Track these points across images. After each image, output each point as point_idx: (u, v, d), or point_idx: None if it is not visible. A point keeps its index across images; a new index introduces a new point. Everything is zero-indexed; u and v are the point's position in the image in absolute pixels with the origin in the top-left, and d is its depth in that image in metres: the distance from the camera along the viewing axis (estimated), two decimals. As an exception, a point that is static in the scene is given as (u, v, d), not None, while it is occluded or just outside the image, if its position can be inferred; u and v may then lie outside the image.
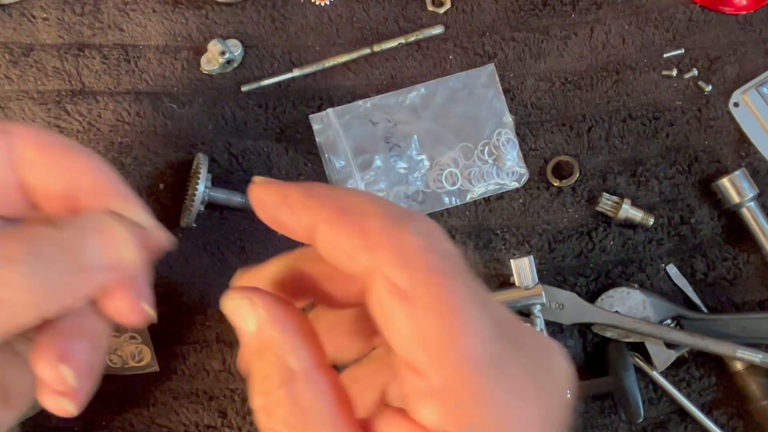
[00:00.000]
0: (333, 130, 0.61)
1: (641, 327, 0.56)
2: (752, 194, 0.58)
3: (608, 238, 0.60)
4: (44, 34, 0.62)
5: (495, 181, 0.61)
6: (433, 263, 0.27)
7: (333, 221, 0.30)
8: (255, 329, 0.33)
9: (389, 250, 0.28)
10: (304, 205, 0.31)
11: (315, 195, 0.31)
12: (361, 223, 0.29)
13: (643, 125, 0.62)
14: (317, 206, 0.30)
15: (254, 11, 0.63)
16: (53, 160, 0.35)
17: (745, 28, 0.63)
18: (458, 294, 0.27)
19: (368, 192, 0.32)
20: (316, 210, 0.30)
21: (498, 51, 0.63)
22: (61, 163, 0.35)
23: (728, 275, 0.60)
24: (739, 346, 0.55)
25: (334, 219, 0.30)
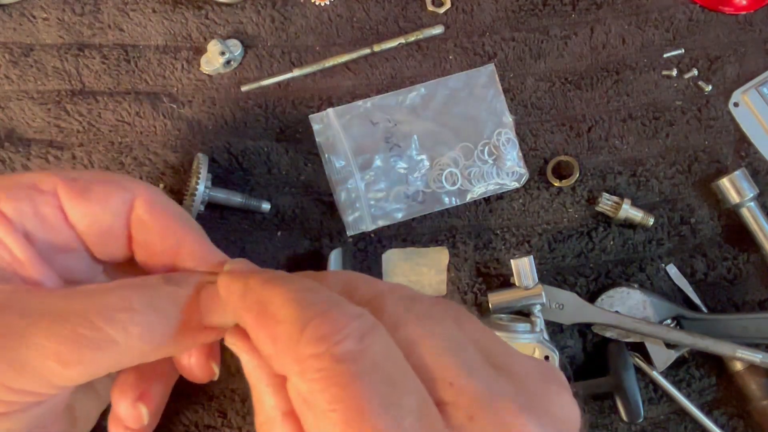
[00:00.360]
0: (333, 130, 0.61)
1: (641, 327, 0.56)
2: (752, 194, 0.58)
3: (608, 238, 0.60)
4: (44, 34, 0.62)
5: (495, 181, 0.61)
6: (329, 370, 0.27)
7: (255, 327, 0.31)
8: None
9: (292, 359, 0.28)
10: (238, 307, 0.32)
11: (247, 297, 0.32)
12: (273, 331, 0.29)
13: (643, 125, 0.62)
14: (247, 310, 0.31)
15: (254, 11, 0.63)
16: (161, 223, 0.39)
17: (745, 28, 0.63)
18: (359, 401, 0.26)
19: (299, 281, 0.32)
20: (246, 314, 0.32)
21: (498, 51, 0.63)
22: (167, 228, 0.40)
23: (728, 275, 0.60)
24: (739, 346, 0.55)
25: (255, 325, 0.31)
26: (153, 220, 0.39)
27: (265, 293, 0.31)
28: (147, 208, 0.40)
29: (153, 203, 0.40)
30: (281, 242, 0.60)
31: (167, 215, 0.40)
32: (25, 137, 0.62)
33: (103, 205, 0.38)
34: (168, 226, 0.40)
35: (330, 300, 0.30)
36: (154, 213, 0.40)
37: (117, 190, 0.39)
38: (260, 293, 0.31)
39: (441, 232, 0.60)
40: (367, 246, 0.60)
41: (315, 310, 0.29)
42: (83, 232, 0.39)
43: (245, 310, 0.31)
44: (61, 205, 0.38)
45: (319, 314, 0.28)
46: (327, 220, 0.60)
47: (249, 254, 0.60)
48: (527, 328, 0.53)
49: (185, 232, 0.40)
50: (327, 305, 0.29)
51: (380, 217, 0.60)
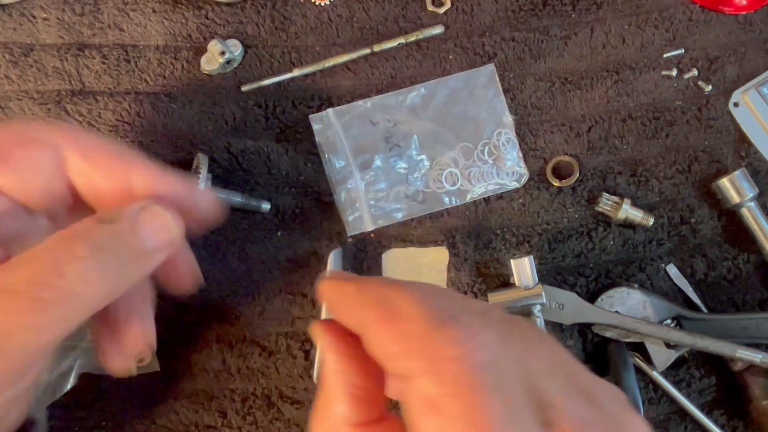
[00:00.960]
0: (333, 130, 0.61)
1: (641, 327, 0.56)
2: (752, 194, 0.58)
3: (608, 238, 0.60)
4: (44, 34, 0.62)
5: (495, 181, 0.61)
6: (466, 376, 0.27)
7: (377, 324, 0.30)
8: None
9: (424, 359, 0.28)
10: (354, 305, 0.32)
11: (365, 295, 0.32)
12: (400, 328, 0.29)
13: (643, 125, 0.62)
14: (366, 307, 0.31)
15: (254, 11, 0.63)
16: (101, 165, 0.39)
17: (745, 28, 0.63)
18: (489, 411, 0.26)
19: (421, 286, 0.32)
20: (365, 311, 0.31)
21: (498, 51, 0.63)
22: (108, 168, 0.39)
23: (728, 275, 0.60)
24: (739, 346, 0.55)
25: (378, 321, 0.30)
26: (91, 165, 0.39)
27: (389, 292, 0.31)
28: (80, 157, 0.39)
29: (84, 149, 0.39)
30: (281, 242, 0.60)
31: (105, 155, 0.40)
32: (25, 137, 0.62)
33: (32, 170, 0.38)
34: (109, 167, 0.39)
35: (458, 305, 0.30)
36: (90, 158, 0.39)
37: (41, 151, 0.38)
38: (383, 292, 0.31)
39: (441, 232, 0.60)
40: (367, 246, 0.60)
41: (447, 313, 0.29)
42: (21, 198, 0.38)
43: (365, 306, 0.31)
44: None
45: (453, 317, 0.28)
46: (327, 220, 0.60)
47: (249, 254, 0.60)
48: (527, 328, 0.53)
49: (128, 165, 0.40)
50: (458, 309, 0.29)
51: (380, 217, 0.60)
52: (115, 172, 0.39)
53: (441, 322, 0.28)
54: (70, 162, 0.39)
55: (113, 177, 0.39)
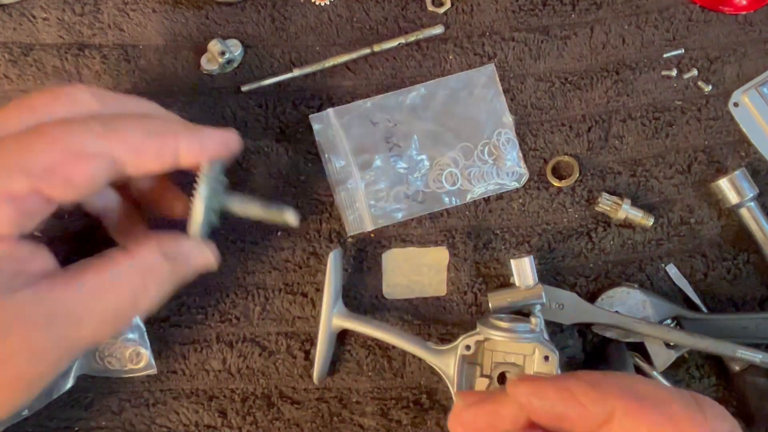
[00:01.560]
0: (333, 130, 0.61)
1: (641, 327, 0.56)
2: (752, 194, 0.58)
3: (608, 238, 0.60)
4: (44, 34, 0.62)
5: (495, 181, 0.61)
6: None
7: (633, 411, 0.32)
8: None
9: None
10: (596, 399, 0.33)
11: (605, 387, 0.33)
12: (665, 412, 0.31)
13: (643, 125, 0.62)
14: (612, 398, 0.33)
15: (254, 11, 0.63)
16: (149, 157, 0.43)
17: (745, 28, 0.63)
18: None
19: (640, 377, 0.36)
20: (611, 401, 0.32)
21: (498, 51, 0.63)
22: (156, 156, 0.43)
23: (728, 275, 0.60)
24: (739, 346, 0.55)
25: (634, 410, 0.32)
26: (142, 159, 0.43)
27: (624, 382, 0.34)
28: (132, 156, 0.42)
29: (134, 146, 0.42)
30: (281, 242, 0.60)
31: (152, 145, 0.43)
32: (25, 137, 0.62)
33: (89, 184, 0.40)
34: (158, 154, 0.43)
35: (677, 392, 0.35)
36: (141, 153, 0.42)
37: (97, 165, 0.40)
38: (620, 382, 0.34)
39: (441, 232, 0.60)
40: (367, 246, 0.60)
41: (684, 392, 0.33)
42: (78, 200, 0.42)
43: (615, 398, 0.33)
44: (49, 198, 0.39)
45: (694, 396, 0.33)
46: (327, 220, 0.60)
47: (249, 254, 0.60)
48: (527, 328, 0.53)
49: (173, 144, 0.44)
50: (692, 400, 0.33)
51: (380, 217, 0.60)
52: (163, 156, 0.43)
53: (694, 401, 0.32)
54: (123, 163, 0.41)
55: (162, 161, 0.43)
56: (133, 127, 0.42)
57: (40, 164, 0.38)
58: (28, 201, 0.38)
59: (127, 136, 0.41)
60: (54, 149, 0.38)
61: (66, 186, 0.39)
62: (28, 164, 0.38)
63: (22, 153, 0.38)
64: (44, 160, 0.38)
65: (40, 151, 0.38)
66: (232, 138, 0.49)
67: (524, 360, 0.52)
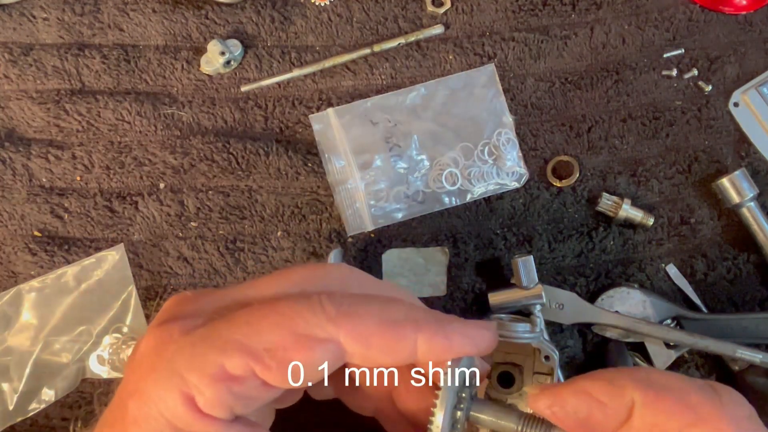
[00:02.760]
0: (333, 130, 0.61)
1: (641, 327, 0.56)
2: (752, 194, 0.58)
3: (608, 238, 0.60)
4: (44, 34, 0.62)
5: (495, 181, 0.61)
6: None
7: (651, 402, 0.32)
8: None
9: (726, 426, 0.30)
10: (614, 394, 0.33)
11: (621, 381, 0.33)
12: (683, 400, 0.31)
13: (643, 125, 0.62)
14: (629, 390, 0.32)
15: (254, 11, 0.63)
16: (379, 349, 0.36)
17: (745, 28, 0.63)
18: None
19: (654, 369, 0.35)
20: (629, 394, 0.32)
21: (498, 51, 0.63)
22: (387, 351, 0.36)
23: (728, 275, 0.60)
24: (739, 346, 0.55)
25: (652, 400, 0.32)
26: (371, 350, 0.36)
27: (639, 374, 0.34)
28: (359, 346, 0.35)
29: (370, 337, 0.35)
30: (281, 242, 0.60)
31: (384, 337, 0.35)
32: (26, 137, 0.62)
33: (310, 372, 0.35)
34: (389, 348, 0.36)
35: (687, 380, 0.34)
36: (371, 344, 0.35)
37: (321, 351, 0.35)
38: (635, 375, 0.34)
39: (441, 232, 0.60)
40: (367, 246, 0.60)
41: (697, 380, 0.32)
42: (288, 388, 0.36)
43: (633, 390, 0.33)
44: (265, 382, 0.34)
45: (708, 383, 0.33)
46: (327, 220, 0.60)
47: (248, 254, 0.60)
48: (527, 328, 0.52)
49: (410, 339, 0.36)
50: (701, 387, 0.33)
51: (380, 217, 0.60)
52: (397, 350, 0.36)
53: (708, 387, 0.32)
54: (349, 351, 0.35)
55: (395, 356, 0.36)
56: (369, 313, 0.36)
57: (262, 344, 0.34)
58: (242, 382, 0.34)
59: (360, 322, 0.35)
60: (279, 330, 0.34)
61: (283, 372, 0.34)
62: (250, 343, 0.34)
63: (246, 330, 0.34)
64: (267, 340, 0.34)
65: (265, 331, 0.34)
66: (488, 337, 0.38)
67: (524, 360, 0.52)
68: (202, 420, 0.33)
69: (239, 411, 0.34)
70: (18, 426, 0.58)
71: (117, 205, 0.60)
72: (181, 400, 0.33)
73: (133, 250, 0.60)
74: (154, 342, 0.35)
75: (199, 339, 0.34)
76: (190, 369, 0.33)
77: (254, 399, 0.35)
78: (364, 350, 0.35)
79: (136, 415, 0.34)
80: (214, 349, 0.34)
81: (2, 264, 0.60)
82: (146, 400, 0.34)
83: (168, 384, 0.33)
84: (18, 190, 0.61)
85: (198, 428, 0.33)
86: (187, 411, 0.33)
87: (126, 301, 0.59)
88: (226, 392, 0.33)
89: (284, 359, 0.34)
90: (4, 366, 0.58)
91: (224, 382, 0.33)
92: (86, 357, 0.58)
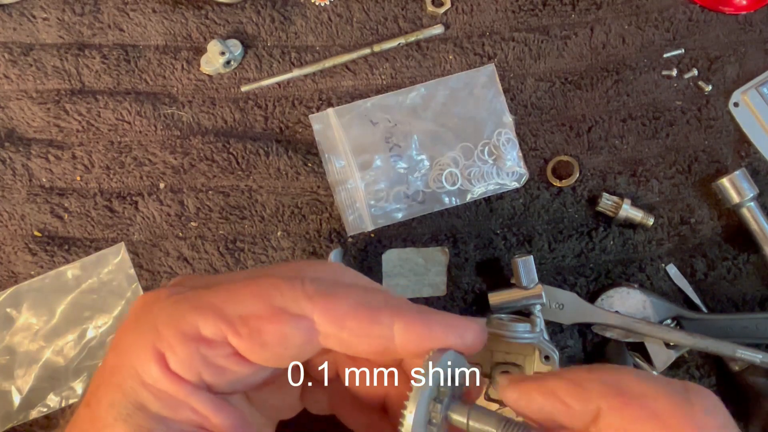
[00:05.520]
0: (333, 130, 0.61)
1: (641, 327, 0.56)
2: (752, 194, 0.58)
3: (608, 238, 0.60)
4: (44, 34, 0.62)
5: (495, 181, 0.61)
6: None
7: (617, 408, 0.31)
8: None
9: (690, 428, 0.30)
10: (580, 397, 0.32)
11: (588, 384, 0.32)
12: (649, 408, 0.30)
13: (643, 125, 0.62)
14: (595, 395, 0.32)
15: (254, 11, 0.63)
16: (353, 331, 0.35)
17: (745, 28, 0.63)
18: None
19: (631, 368, 0.34)
20: (595, 399, 0.32)
21: (498, 51, 0.63)
22: (362, 333, 0.35)
23: (728, 275, 0.60)
24: (739, 346, 0.55)
25: (619, 407, 0.31)
26: (345, 331, 0.35)
27: (607, 377, 0.33)
28: (333, 327, 0.35)
29: (337, 316, 0.34)
30: (281, 242, 0.60)
31: (359, 319, 0.35)
32: (26, 137, 0.62)
33: (282, 346, 0.34)
34: (364, 331, 0.35)
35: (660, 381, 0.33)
36: (344, 325, 0.35)
37: (292, 326, 0.34)
38: (603, 377, 0.33)
39: (441, 232, 0.60)
40: (367, 246, 0.60)
41: (674, 383, 0.32)
42: (266, 365, 0.36)
43: (599, 396, 0.32)
44: (236, 351, 0.34)
45: (685, 388, 0.32)
46: (327, 220, 0.60)
47: (248, 254, 0.60)
48: (527, 328, 0.53)
49: (387, 324, 0.35)
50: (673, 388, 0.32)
51: (380, 217, 0.60)
52: (372, 335, 0.35)
53: (681, 392, 0.31)
54: (323, 331, 0.35)
55: (370, 341, 0.35)
56: (347, 295, 0.35)
57: (237, 311, 0.34)
58: (213, 347, 0.34)
59: (336, 303, 0.35)
60: (255, 300, 0.34)
61: (252, 341, 0.34)
62: (226, 308, 0.34)
63: (224, 297, 0.35)
64: (242, 308, 0.34)
65: (242, 300, 0.34)
66: (474, 329, 0.36)
67: (524, 360, 0.52)
68: (169, 377, 0.34)
69: (209, 379, 0.34)
70: (18, 426, 0.58)
71: (117, 205, 0.60)
72: (152, 354, 0.33)
73: (133, 250, 0.60)
74: (143, 302, 0.37)
75: (182, 299, 0.35)
76: (166, 325, 0.34)
77: (225, 370, 0.35)
78: (338, 331, 0.35)
79: (112, 365, 0.35)
80: (192, 309, 0.34)
81: (2, 264, 0.60)
82: (121, 351, 0.35)
83: (144, 338, 0.34)
84: (18, 190, 0.61)
85: (164, 386, 0.34)
86: (156, 366, 0.33)
87: (131, 301, 0.59)
88: (195, 353, 0.34)
89: (256, 328, 0.34)
90: (5, 366, 0.58)
91: (195, 342, 0.34)
92: (91, 357, 0.58)
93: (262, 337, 0.34)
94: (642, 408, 0.31)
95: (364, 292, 0.36)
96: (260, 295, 0.35)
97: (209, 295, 0.35)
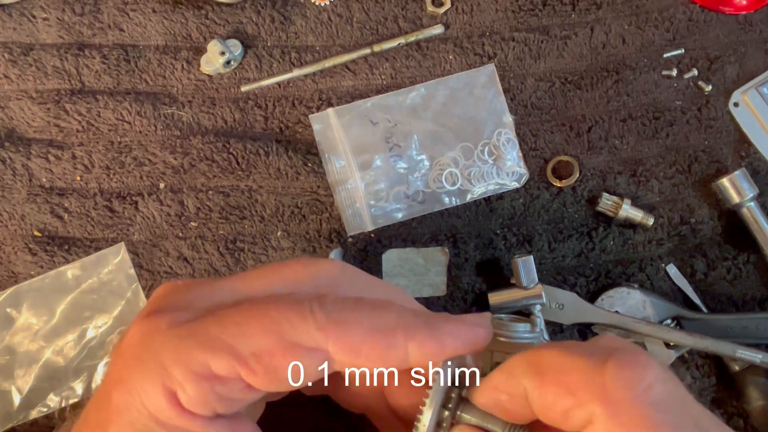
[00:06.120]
0: (333, 130, 0.61)
1: (641, 327, 0.56)
2: (752, 194, 0.58)
3: (608, 238, 0.60)
4: (44, 34, 0.62)
5: (495, 181, 0.61)
6: (648, 419, 0.28)
7: (538, 387, 0.31)
8: None
9: (600, 407, 0.29)
10: (509, 384, 0.32)
11: (515, 368, 0.32)
12: (563, 382, 0.30)
13: (643, 125, 0.62)
14: (521, 378, 0.32)
15: (254, 11, 0.63)
16: (367, 358, 0.35)
17: (745, 28, 0.63)
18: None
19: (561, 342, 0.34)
20: (522, 382, 0.32)
21: (498, 51, 0.63)
22: (376, 359, 0.35)
23: (728, 275, 0.60)
24: (739, 346, 0.55)
25: (538, 385, 0.31)
26: (359, 359, 0.35)
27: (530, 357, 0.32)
28: (346, 355, 0.35)
29: (350, 345, 0.34)
30: (281, 242, 0.60)
31: (372, 345, 0.35)
32: (26, 137, 0.62)
33: (294, 378, 0.35)
34: (378, 357, 0.35)
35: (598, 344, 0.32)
36: (358, 354, 0.35)
37: (305, 358, 0.34)
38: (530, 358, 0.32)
39: (441, 232, 0.60)
40: (367, 246, 0.60)
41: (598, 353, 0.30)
42: (273, 392, 0.36)
43: (522, 376, 0.32)
44: (249, 384, 0.34)
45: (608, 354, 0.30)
46: (327, 220, 0.60)
47: (248, 254, 0.60)
48: (527, 328, 0.52)
49: (401, 344, 0.35)
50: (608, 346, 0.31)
51: (380, 217, 0.60)
52: (387, 358, 0.35)
53: (599, 363, 0.30)
54: (338, 360, 0.35)
55: (385, 362, 0.35)
56: (359, 321, 0.35)
57: (249, 348, 0.33)
58: (226, 383, 0.33)
59: (349, 331, 0.34)
60: (268, 335, 0.34)
61: (268, 377, 0.34)
62: (238, 346, 0.33)
63: (234, 331, 0.34)
64: (254, 344, 0.34)
65: (254, 334, 0.34)
66: (480, 333, 0.38)
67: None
68: (183, 415, 0.33)
69: (222, 410, 0.34)
70: (18, 426, 0.58)
71: (117, 205, 0.60)
72: (163, 393, 0.33)
73: (133, 250, 0.60)
74: (142, 332, 0.35)
75: (186, 334, 0.34)
76: (175, 363, 0.33)
77: (237, 400, 0.34)
78: (353, 359, 0.35)
79: (120, 404, 0.34)
80: (201, 346, 0.33)
81: (2, 264, 0.60)
82: (129, 389, 0.34)
83: (152, 376, 0.33)
84: (18, 190, 0.61)
85: (178, 423, 0.33)
86: (168, 405, 0.33)
87: (131, 301, 0.59)
88: (209, 391, 0.33)
89: (270, 365, 0.33)
90: (5, 366, 0.58)
91: (208, 381, 0.33)
92: (91, 357, 0.58)
93: (278, 373, 0.34)
94: (556, 384, 0.30)
95: (373, 311, 0.36)
96: (271, 329, 0.34)
97: (216, 329, 0.34)
